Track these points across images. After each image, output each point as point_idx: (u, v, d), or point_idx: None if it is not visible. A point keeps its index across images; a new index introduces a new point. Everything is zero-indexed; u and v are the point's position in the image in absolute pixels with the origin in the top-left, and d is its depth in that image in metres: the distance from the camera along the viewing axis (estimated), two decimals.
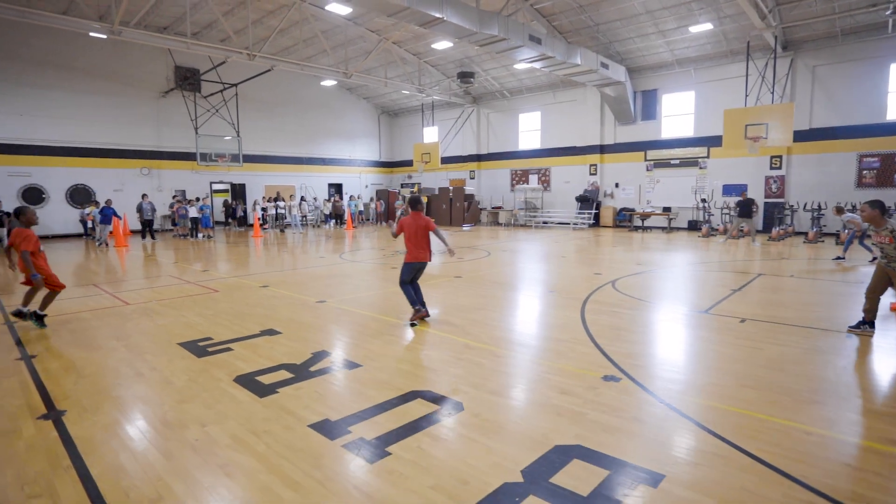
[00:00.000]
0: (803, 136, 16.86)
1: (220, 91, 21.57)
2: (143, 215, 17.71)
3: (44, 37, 17.81)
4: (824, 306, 6.73)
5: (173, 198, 20.73)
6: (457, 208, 24.97)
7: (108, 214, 15.89)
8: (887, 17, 14.23)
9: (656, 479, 2.61)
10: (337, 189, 28.47)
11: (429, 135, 27.75)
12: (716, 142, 18.07)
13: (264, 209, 22.26)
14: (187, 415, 3.49)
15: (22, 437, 3.19)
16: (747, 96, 16.16)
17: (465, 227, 23.32)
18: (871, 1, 14.13)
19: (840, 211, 11.82)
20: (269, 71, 19.74)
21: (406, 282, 5.92)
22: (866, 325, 5.24)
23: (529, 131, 24.84)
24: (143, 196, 18.12)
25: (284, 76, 23.31)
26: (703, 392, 3.82)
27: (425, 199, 24.35)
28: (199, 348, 5.05)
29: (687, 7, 15.82)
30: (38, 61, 18.46)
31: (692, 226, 19.58)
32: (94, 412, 3.56)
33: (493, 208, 25.85)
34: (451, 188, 25.45)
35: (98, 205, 17.05)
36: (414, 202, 6.00)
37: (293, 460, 2.86)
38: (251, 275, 9.89)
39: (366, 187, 29.97)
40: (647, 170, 21.00)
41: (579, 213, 22.10)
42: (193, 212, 18.81)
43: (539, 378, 4.19)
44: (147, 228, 17.88)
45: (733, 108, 15.69)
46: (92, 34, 14.35)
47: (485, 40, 14.39)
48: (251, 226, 22.37)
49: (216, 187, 24.16)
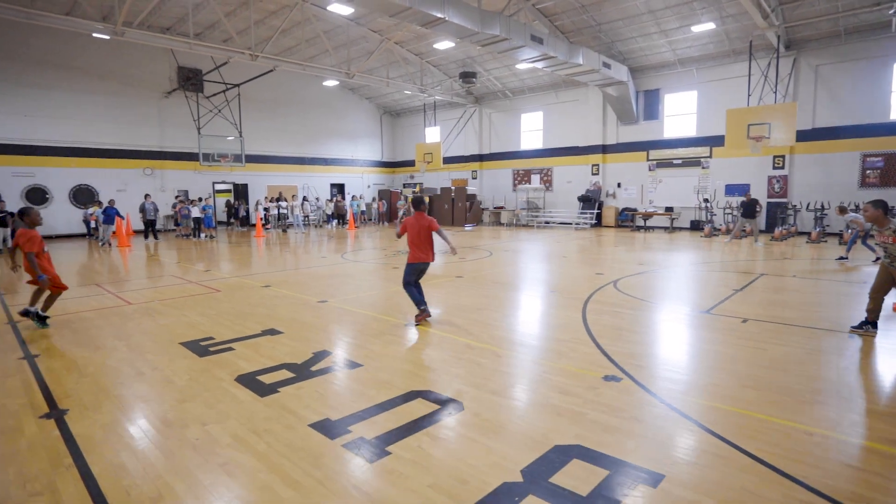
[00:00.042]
0: (806, 135, 16.79)
1: (223, 91, 21.64)
2: (146, 215, 17.81)
3: (48, 37, 17.87)
4: (827, 306, 6.70)
5: (176, 198, 20.80)
6: (459, 208, 24.99)
7: (111, 214, 15.95)
8: (890, 16, 14.15)
9: (656, 479, 2.61)
10: (339, 189, 28.50)
11: (431, 135, 27.77)
12: (718, 141, 18.02)
13: (267, 209, 22.31)
14: (188, 414, 3.51)
15: (24, 436, 3.21)
16: (750, 96, 16.11)
17: (467, 227, 23.31)
18: (875, 0, 14.09)
19: (843, 211, 11.79)
20: (272, 71, 19.83)
21: (410, 283, 5.90)
22: (869, 325, 5.22)
23: (531, 131, 24.82)
24: (146, 196, 18.21)
25: (287, 76, 23.35)
26: (704, 392, 3.81)
27: (427, 200, 24.37)
28: (200, 348, 5.06)
29: (689, 6, 15.78)
30: (41, 62, 18.53)
31: (694, 226, 19.53)
32: (95, 411, 3.58)
33: (495, 208, 25.83)
34: (454, 188, 25.47)
35: (101, 205, 17.11)
36: (417, 202, 5.99)
37: (293, 459, 2.87)
38: (253, 275, 9.91)
39: (368, 187, 29.99)
40: (650, 170, 20.96)
41: (581, 213, 22.07)
42: (196, 212, 18.88)
43: (540, 378, 4.19)
44: (150, 228, 17.97)
45: (736, 107, 15.65)
46: (95, 35, 14.40)
47: (486, 40, 14.39)
48: (254, 226, 22.41)
49: (219, 187, 24.22)
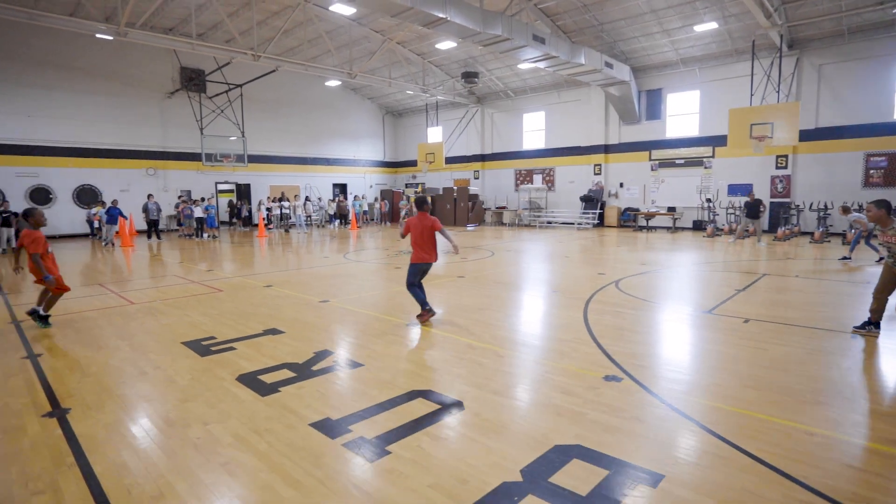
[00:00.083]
0: (809, 135, 16.74)
1: (226, 91, 21.69)
2: (149, 215, 17.87)
3: (49, 37, 17.94)
4: (830, 307, 6.68)
5: (179, 198, 20.85)
6: (461, 208, 24.99)
7: (114, 214, 16.03)
8: (894, 15, 14.10)
9: (656, 479, 2.61)
10: (341, 189, 28.54)
11: (433, 135, 27.78)
12: (721, 141, 17.97)
13: (269, 209, 22.36)
14: (190, 413, 3.52)
15: (27, 435, 3.23)
16: (753, 95, 16.08)
17: (470, 227, 23.31)
18: None
19: (846, 211, 11.74)
20: (274, 71, 19.87)
21: (414, 284, 5.89)
22: (872, 325, 5.21)
23: (534, 131, 24.80)
24: (149, 196, 18.27)
25: (289, 77, 23.39)
26: (705, 392, 3.81)
27: (430, 200, 24.33)
28: (202, 347, 5.08)
29: (691, 6, 15.74)
30: (43, 62, 18.61)
31: (697, 226, 19.48)
32: (97, 410, 3.59)
33: (497, 208, 25.82)
34: (456, 188, 25.47)
35: (104, 205, 17.20)
36: (420, 202, 5.99)
37: (294, 459, 2.88)
38: (255, 274, 9.93)
39: (370, 187, 30.01)
40: (652, 169, 20.91)
41: (583, 213, 22.05)
42: (199, 212, 18.94)
43: (540, 378, 4.19)
44: (153, 228, 18.02)
45: (738, 107, 15.62)
46: (98, 35, 14.46)
47: (488, 40, 14.39)
48: (256, 226, 22.47)
49: (221, 187, 24.29)
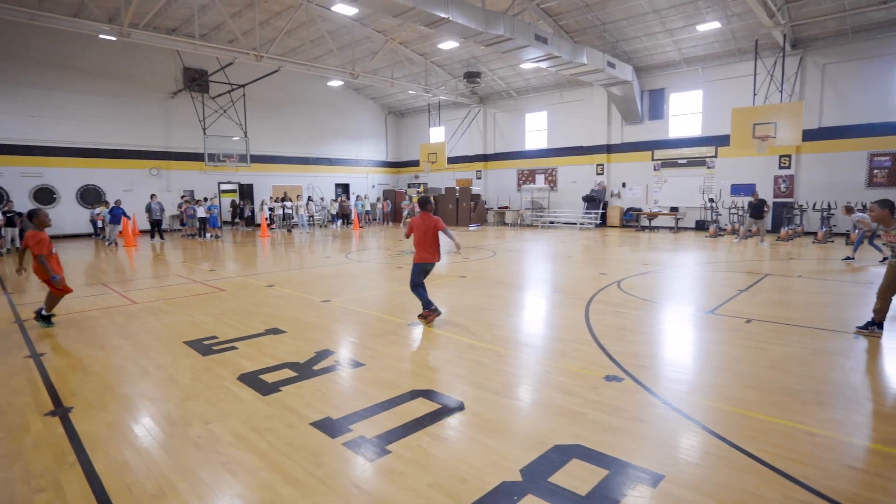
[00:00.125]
0: (813, 135, 16.68)
1: (228, 92, 21.74)
2: (152, 215, 17.92)
3: (51, 38, 18.02)
4: (832, 307, 6.66)
5: (182, 198, 20.91)
6: (463, 208, 24.98)
7: (117, 214, 16.09)
8: None
9: (656, 480, 2.61)
10: (344, 189, 28.58)
11: (435, 135, 27.77)
12: (724, 141, 17.91)
13: (272, 209, 22.40)
14: (191, 412, 3.53)
15: (29, 433, 3.24)
16: (755, 95, 16.02)
17: (472, 227, 23.31)
18: None
19: (850, 210, 11.70)
20: (277, 71, 19.90)
21: (418, 284, 5.85)
22: (875, 325, 5.18)
23: (536, 131, 24.79)
24: (152, 196, 18.33)
25: (291, 77, 23.44)
26: (706, 392, 3.80)
27: (433, 199, 24.33)
28: (204, 347, 5.10)
29: (694, 6, 15.70)
30: (45, 62, 18.70)
31: (700, 226, 19.44)
32: (99, 409, 3.61)
33: (499, 208, 25.82)
34: (458, 188, 25.47)
35: (108, 205, 17.26)
36: (423, 202, 5.99)
37: (294, 458, 2.89)
38: (258, 274, 9.96)
39: (372, 187, 30.05)
40: (655, 169, 20.88)
41: (586, 213, 22.02)
42: (201, 212, 19.00)
43: (541, 378, 4.19)
44: (156, 228, 18.08)
45: (741, 106, 15.57)
46: (102, 36, 14.51)
47: (491, 40, 14.38)
48: (259, 226, 22.52)
49: (224, 187, 24.36)
